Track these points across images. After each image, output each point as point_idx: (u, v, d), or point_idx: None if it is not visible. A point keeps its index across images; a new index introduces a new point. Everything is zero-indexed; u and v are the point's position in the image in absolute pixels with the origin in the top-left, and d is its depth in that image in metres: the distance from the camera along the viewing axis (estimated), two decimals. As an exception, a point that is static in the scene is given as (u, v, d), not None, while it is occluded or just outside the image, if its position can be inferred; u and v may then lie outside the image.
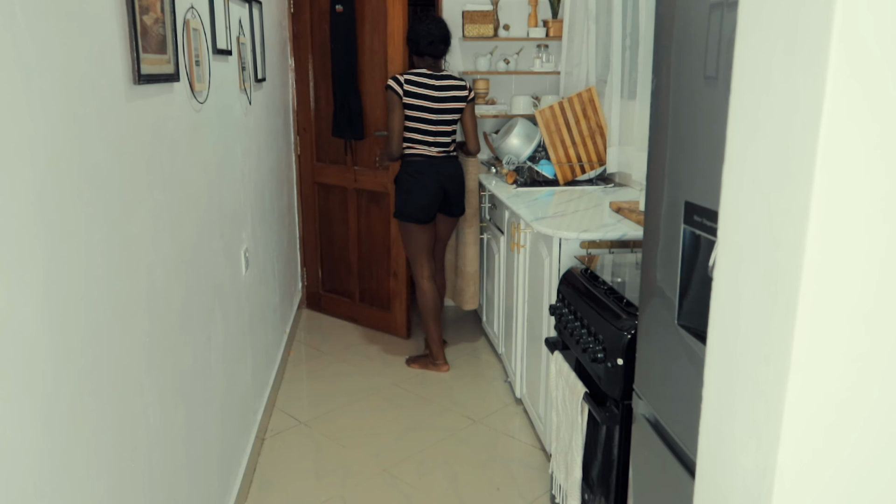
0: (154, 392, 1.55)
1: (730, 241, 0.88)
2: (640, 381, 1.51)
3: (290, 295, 3.96)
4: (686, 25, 1.24)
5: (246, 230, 2.65)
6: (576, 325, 2.01)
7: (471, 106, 3.37)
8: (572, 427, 2.01)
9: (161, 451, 1.59)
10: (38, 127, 1.07)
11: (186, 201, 1.83)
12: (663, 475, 1.39)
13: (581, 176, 3.45)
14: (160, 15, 1.59)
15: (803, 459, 0.77)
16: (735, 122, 0.87)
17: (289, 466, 2.66)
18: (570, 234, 2.38)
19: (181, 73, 1.79)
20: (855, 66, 0.67)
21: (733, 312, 0.88)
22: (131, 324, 1.42)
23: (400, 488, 2.52)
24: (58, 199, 1.12)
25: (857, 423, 0.77)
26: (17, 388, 0.99)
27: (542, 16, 4.18)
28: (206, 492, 1.96)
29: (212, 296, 2.06)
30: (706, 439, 0.97)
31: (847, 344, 0.74)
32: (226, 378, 2.22)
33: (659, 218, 1.37)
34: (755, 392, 0.82)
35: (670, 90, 1.30)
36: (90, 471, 1.23)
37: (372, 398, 3.23)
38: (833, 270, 0.72)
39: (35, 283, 1.05)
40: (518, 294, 2.98)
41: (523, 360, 3.00)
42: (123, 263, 1.38)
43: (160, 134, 1.63)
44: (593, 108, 3.47)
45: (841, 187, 0.70)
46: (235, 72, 2.54)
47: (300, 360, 3.66)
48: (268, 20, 3.42)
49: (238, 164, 2.54)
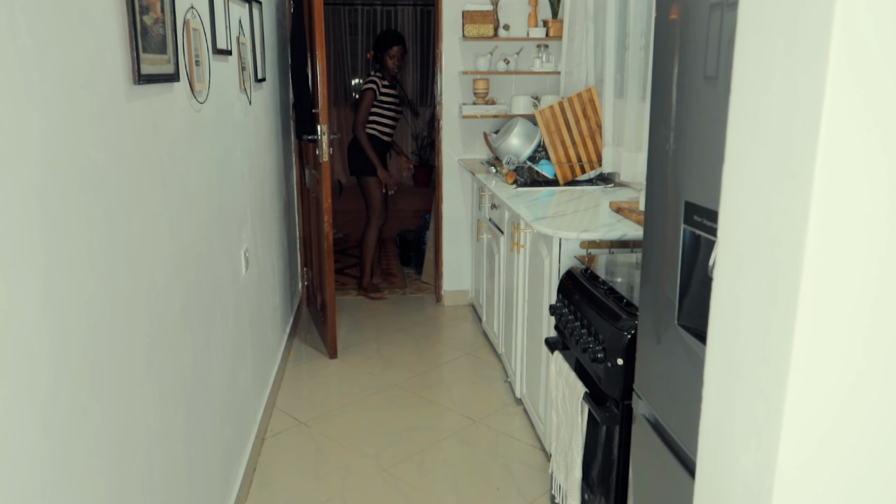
0: (154, 392, 1.55)
1: (730, 241, 0.88)
2: (640, 381, 1.51)
3: (290, 295, 3.96)
4: (686, 25, 1.24)
5: (246, 230, 2.65)
6: (576, 325, 2.01)
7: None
8: (572, 427, 2.01)
9: (161, 451, 1.59)
10: (38, 127, 1.07)
11: (186, 201, 1.83)
12: (663, 475, 1.39)
13: (581, 176, 3.45)
14: (160, 15, 1.59)
15: (803, 459, 0.77)
16: (735, 122, 0.87)
17: (289, 466, 2.67)
18: (570, 234, 2.38)
19: (181, 73, 1.79)
20: (855, 66, 0.67)
21: (733, 312, 0.88)
22: (131, 324, 1.42)
23: (400, 488, 2.52)
24: (58, 199, 1.12)
25: (856, 423, 0.77)
26: (17, 388, 1.00)
27: (542, 16, 4.18)
28: (206, 492, 1.96)
29: (212, 296, 2.06)
30: (706, 439, 0.97)
31: (847, 344, 0.74)
32: (226, 378, 2.22)
33: (659, 218, 1.37)
34: (755, 392, 0.82)
35: (670, 90, 1.30)
36: (90, 471, 1.23)
37: (372, 398, 3.23)
38: (833, 270, 0.72)
39: (36, 283, 1.05)
40: (518, 294, 2.98)
41: (523, 360, 3.00)
42: (124, 263, 1.38)
43: (160, 134, 1.63)
44: (593, 108, 3.47)
45: (841, 187, 0.70)
46: (235, 72, 2.54)
47: (300, 360, 3.66)
48: (268, 20, 3.42)
49: (238, 164, 2.54)
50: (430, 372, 3.52)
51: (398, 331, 4.10)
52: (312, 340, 3.93)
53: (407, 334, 4.06)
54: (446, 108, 4.31)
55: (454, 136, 4.35)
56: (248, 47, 2.80)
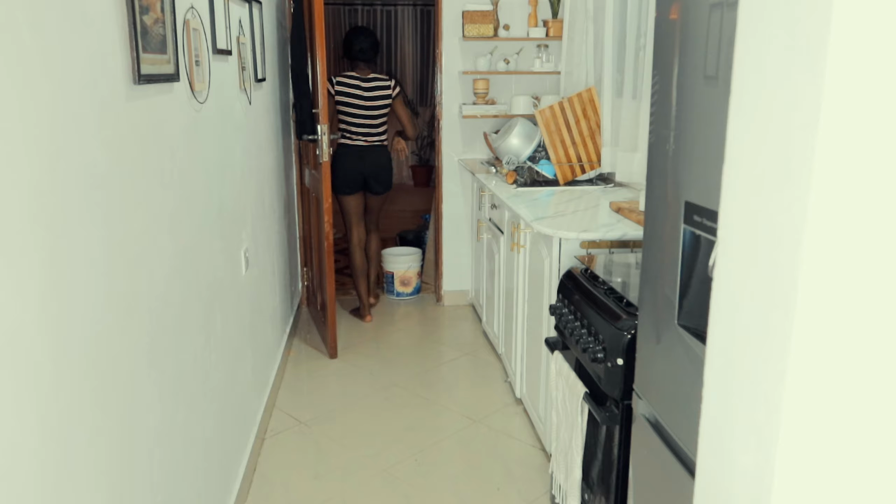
0: (154, 392, 1.55)
1: (730, 241, 0.88)
2: (640, 381, 1.51)
3: (290, 295, 3.96)
4: (686, 25, 1.24)
5: (246, 230, 2.65)
6: (576, 325, 2.01)
7: (398, 99, 4.05)
8: (572, 427, 2.01)
9: (161, 451, 1.59)
10: (38, 127, 1.07)
11: (186, 201, 1.83)
12: (663, 475, 1.39)
13: (581, 176, 3.45)
14: (160, 15, 1.59)
15: (803, 459, 0.77)
16: (735, 122, 0.87)
17: (289, 466, 2.67)
18: (570, 234, 2.38)
19: (181, 73, 1.79)
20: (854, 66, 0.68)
21: (733, 312, 0.88)
22: (131, 324, 1.42)
23: (400, 488, 2.52)
24: (58, 199, 1.12)
25: (856, 423, 0.77)
26: (17, 388, 1.00)
27: (542, 16, 4.18)
28: (206, 492, 1.96)
29: (212, 296, 2.06)
30: (706, 439, 0.97)
31: (846, 344, 0.74)
32: (226, 378, 2.22)
33: (659, 218, 1.37)
34: (755, 392, 0.82)
35: (670, 90, 1.30)
36: (90, 471, 1.23)
37: (372, 398, 3.23)
38: (832, 270, 0.72)
39: (36, 283, 1.05)
40: (518, 294, 2.98)
41: (523, 360, 3.00)
42: (123, 263, 1.38)
43: (160, 134, 1.63)
44: (593, 108, 3.47)
45: (840, 187, 0.70)
46: (235, 72, 2.54)
47: (300, 360, 3.66)
48: (268, 20, 3.42)
49: (238, 164, 2.54)
50: (430, 372, 3.52)
51: (398, 331, 4.10)
52: (312, 340, 3.93)
53: (407, 334, 4.06)
54: (446, 108, 4.31)
55: (454, 136, 4.35)
56: (248, 47, 2.80)
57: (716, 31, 1.12)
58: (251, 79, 2.82)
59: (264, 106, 3.25)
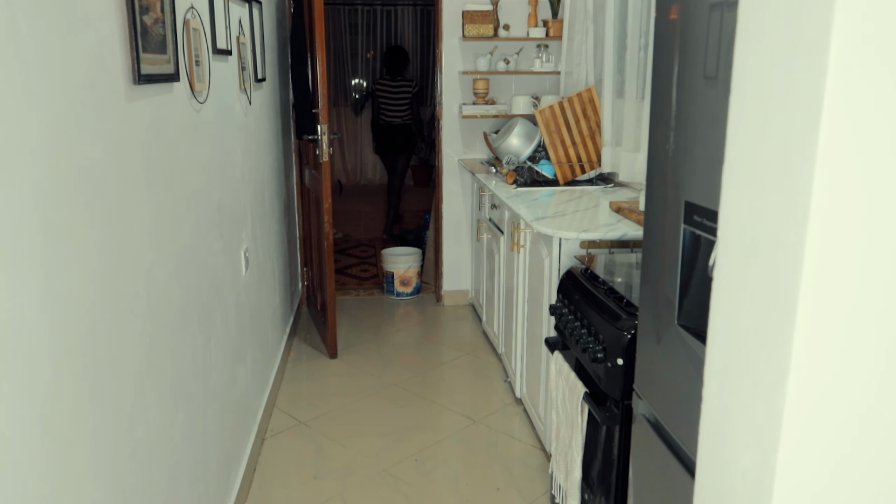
0: (154, 392, 1.55)
1: (730, 241, 0.88)
2: (640, 381, 1.51)
3: (290, 295, 3.96)
4: (686, 25, 1.24)
5: (246, 230, 2.65)
6: (576, 325, 2.01)
7: (416, 94, 5.97)
8: (572, 427, 2.01)
9: (161, 451, 1.59)
10: (38, 127, 1.07)
11: (186, 201, 1.83)
12: (663, 475, 1.39)
13: (581, 176, 3.45)
14: (160, 15, 1.59)
15: (803, 459, 0.77)
16: (735, 122, 0.87)
17: (289, 466, 2.66)
18: (570, 234, 2.38)
19: (181, 73, 1.79)
20: (854, 66, 0.67)
21: (733, 312, 0.88)
22: (131, 324, 1.42)
23: (400, 488, 2.52)
24: (58, 199, 1.12)
25: (856, 423, 0.77)
26: (17, 388, 1.00)
27: (542, 16, 4.18)
28: (206, 492, 1.96)
29: (212, 296, 2.06)
30: (706, 439, 0.97)
31: (846, 344, 0.74)
32: (226, 378, 2.22)
33: (659, 218, 1.37)
34: (755, 392, 0.82)
35: (670, 90, 1.30)
36: (90, 471, 1.23)
37: (372, 398, 3.23)
38: (832, 270, 0.72)
39: (35, 283, 1.05)
40: (518, 294, 2.98)
41: (523, 360, 3.00)
42: (123, 263, 1.38)
43: (160, 134, 1.63)
44: (593, 108, 3.47)
45: (841, 187, 0.70)
46: (235, 72, 2.54)
47: (300, 360, 3.66)
48: (268, 20, 3.42)
49: (238, 164, 2.54)
50: (430, 372, 3.52)
51: (398, 331, 4.10)
52: (312, 340, 3.93)
53: (407, 334, 4.06)
54: (446, 108, 4.31)
55: (454, 136, 4.35)
56: (248, 47, 2.80)
57: (716, 31, 1.12)
58: (251, 79, 2.82)
59: (264, 106, 3.25)
